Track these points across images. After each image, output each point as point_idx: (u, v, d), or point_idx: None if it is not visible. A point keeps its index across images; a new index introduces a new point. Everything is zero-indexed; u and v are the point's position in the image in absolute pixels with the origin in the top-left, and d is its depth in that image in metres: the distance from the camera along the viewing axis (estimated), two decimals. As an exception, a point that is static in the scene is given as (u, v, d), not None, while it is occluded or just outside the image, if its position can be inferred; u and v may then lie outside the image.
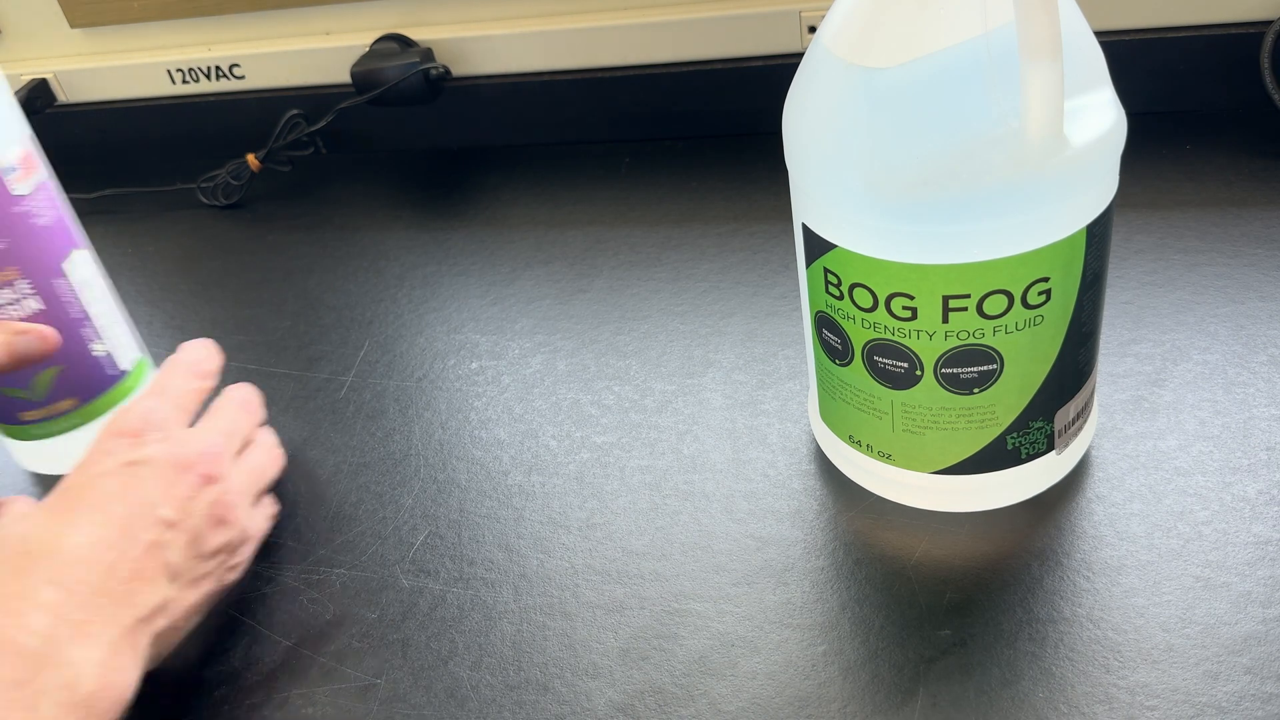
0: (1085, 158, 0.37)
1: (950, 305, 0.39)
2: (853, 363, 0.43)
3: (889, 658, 0.41)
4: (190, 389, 0.49)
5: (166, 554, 0.42)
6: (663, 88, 0.76)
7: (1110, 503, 0.45)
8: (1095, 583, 0.42)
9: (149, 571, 0.41)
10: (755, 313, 0.60)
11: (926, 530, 0.45)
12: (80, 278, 0.52)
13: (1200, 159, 0.65)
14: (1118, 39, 0.67)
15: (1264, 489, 0.45)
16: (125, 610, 0.40)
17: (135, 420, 0.45)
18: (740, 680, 0.41)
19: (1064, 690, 0.39)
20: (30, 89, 0.85)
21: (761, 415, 0.53)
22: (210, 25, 0.82)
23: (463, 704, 0.42)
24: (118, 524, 0.41)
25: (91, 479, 0.43)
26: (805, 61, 0.40)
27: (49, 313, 0.51)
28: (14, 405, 0.53)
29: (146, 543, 0.41)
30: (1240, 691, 0.38)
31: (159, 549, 0.42)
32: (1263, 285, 0.55)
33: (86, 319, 0.53)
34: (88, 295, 0.53)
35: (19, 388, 0.52)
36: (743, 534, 0.47)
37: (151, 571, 0.41)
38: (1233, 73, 0.67)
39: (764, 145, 0.74)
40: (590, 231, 0.70)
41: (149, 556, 0.41)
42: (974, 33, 0.35)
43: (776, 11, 0.71)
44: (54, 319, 0.51)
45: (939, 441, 0.43)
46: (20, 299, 0.50)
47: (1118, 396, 0.50)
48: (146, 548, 0.41)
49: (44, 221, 0.50)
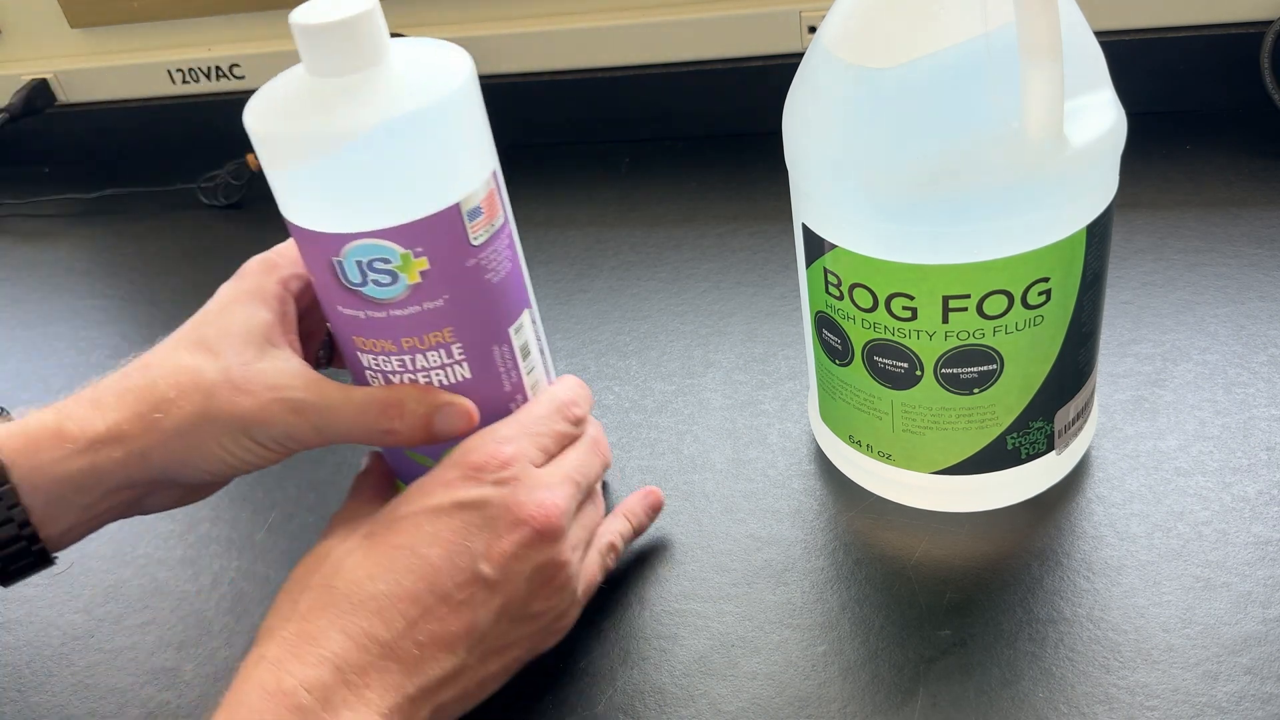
0: (1085, 158, 0.37)
1: (950, 305, 0.39)
2: (853, 363, 0.43)
3: (889, 658, 0.41)
4: (555, 430, 0.42)
5: (475, 616, 0.37)
6: (663, 88, 0.76)
7: (1110, 503, 0.45)
8: (1095, 583, 0.42)
9: (451, 636, 0.37)
10: (755, 313, 0.60)
11: (926, 530, 0.45)
12: (522, 344, 0.43)
13: (1200, 159, 0.65)
14: (1118, 39, 0.67)
15: (1264, 489, 0.45)
16: (412, 678, 0.36)
17: (483, 454, 0.40)
18: (740, 680, 0.41)
19: (1064, 690, 0.39)
20: (30, 89, 0.85)
21: (761, 415, 0.53)
22: (210, 25, 0.82)
23: (463, 704, 0.42)
24: (429, 575, 0.37)
25: (415, 515, 0.38)
26: (805, 62, 0.40)
27: (476, 382, 0.42)
28: (415, 469, 0.43)
29: (456, 601, 0.37)
30: (1240, 692, 0.38)
31: (468, 609, 0.37)
32: (1263, 285, 0.55)
33: (519, 393, 0.43)
34: (525, 365, 0.43)
35: (426, 456, 0.43)
36: (743, 534, 0.47)
37: (454, 636, 0.37)
38: (1233, 73, 0.67)
39: (764, 145, 0.73)
40: (590, 231, 0.70)
41: (455, 617, 0.37)
42: (974, 33, 0.35)
43: (776, 11, 0.71)
44: (482, 390, 0.42)
45: (939, 442, 0.43)
46: (449, 365, 0.41)
47: (1118, 396, 0.50)
48: (455, 607, 0.37)
49: (497, 277, 0.41)
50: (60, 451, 0.38)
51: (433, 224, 0.38)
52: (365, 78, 0.37)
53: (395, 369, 0.41)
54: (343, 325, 0.41)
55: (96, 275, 0.76)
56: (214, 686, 0.45)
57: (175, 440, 0.39)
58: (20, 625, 0.49)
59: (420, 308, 0.39)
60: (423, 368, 0.41)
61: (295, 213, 0.39)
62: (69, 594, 0.50)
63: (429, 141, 0.37)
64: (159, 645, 0.47)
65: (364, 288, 0.39)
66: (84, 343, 0.68)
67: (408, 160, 0.37)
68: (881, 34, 0.37)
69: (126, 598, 0.49)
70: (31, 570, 0.40)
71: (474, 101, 0.39)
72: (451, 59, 0.39)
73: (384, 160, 0.36)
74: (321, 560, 0.38)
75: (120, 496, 0.40)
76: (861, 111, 0.38)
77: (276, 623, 0.37)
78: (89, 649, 0.47)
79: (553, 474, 0.41)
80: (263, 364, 0.40)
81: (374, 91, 0.37)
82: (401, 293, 0.39)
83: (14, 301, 0.74)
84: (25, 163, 0.91)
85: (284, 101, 0.38)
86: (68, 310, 0.72)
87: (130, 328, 0.69)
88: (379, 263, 0.38)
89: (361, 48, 0.36)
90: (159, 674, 0.46)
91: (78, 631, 0.48)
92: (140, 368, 0.41)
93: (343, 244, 0.38)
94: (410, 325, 0.40)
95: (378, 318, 0.39)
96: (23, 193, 0.87)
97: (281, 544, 0.51)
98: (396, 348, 0.40)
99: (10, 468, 0.38)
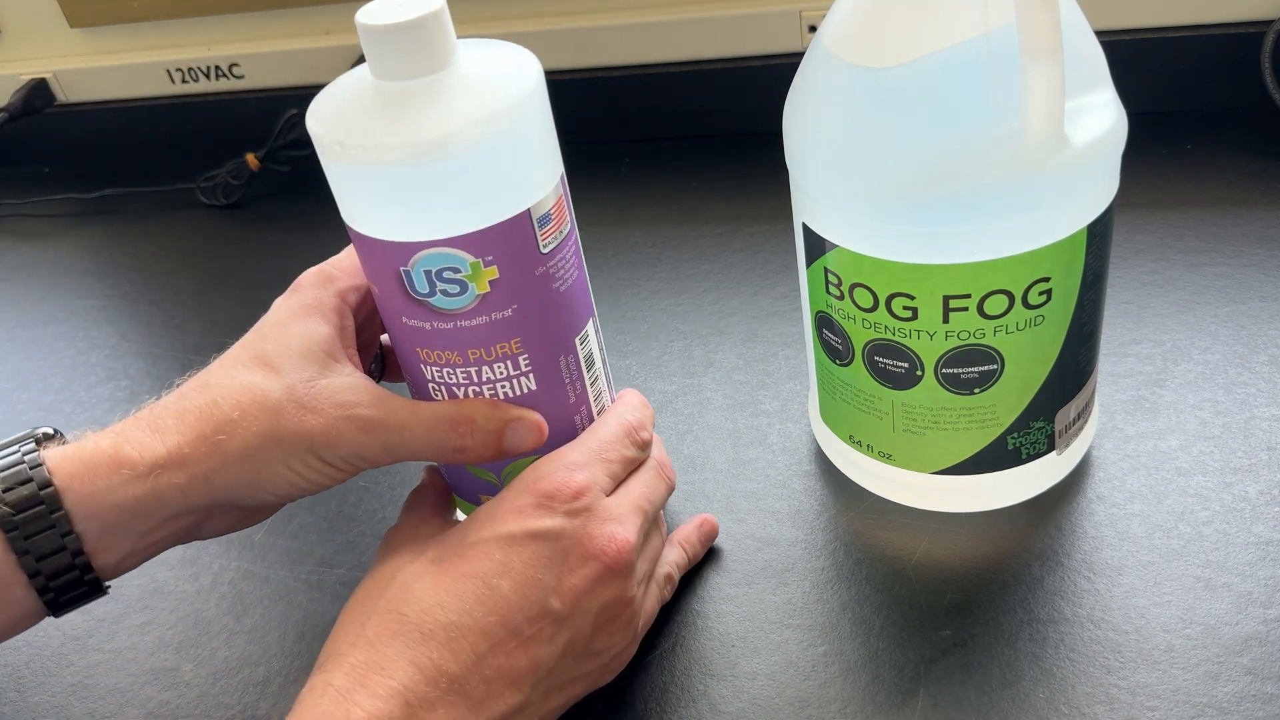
0: (1086, 157, 0.37)
1: (951, 305, 0.39)
2: (853, 363, 0.43)
3: (889, 658, 0.41)
4: (624, 456, 0.42)
5: (541, 652, 0.37)
6: (663, 87, 0.76)
7: (1111, 503, 0.45)
8: (1096, 583, 0.42)
9: (517, 672, 0.36)
10: (755, 313, 0.60)
11: (927, 530, 0.45)
12: (586, 354, 0.42)
13: (1201, 159, 0.65)
14: (1118, 39, 0.67)
15: (1265, 489, 0.45)
16: (477, 715, 0.35)
17: (555, 481, 0.39)
18: (740, 680, 0.41)
19: (1065, 691, 0.39)
20: (29, 89, 0.85)
21: (762, 415, 0.53)
22: (210, 25, 0.82)
23: (463, 704, 0.42)
24: (499, 608, 0.36)
25: (486, 543, 0.37)
26: (806, 61, 0.40)
27: (541, 394, 0.41)
28: (477, 486, 0.43)
29: (525, 636, 0.36)
30: (1241, 692, 0.38)
31: (536, 645, 0.36)
32: (1263, 285, 0.55)
33: (583, 405, 0.43)
34: (589, 375, 0.43)
35: (490, 472, 0.43)
36: (743, 534, 0.47)
37: (520, 672, 0.36)
38: (1233, 73, 0.67)
39: (764, 145, 0.73)
40: (590, 231, 0.70)
41: (523, 652, 0.36)
42: (974, 33, 0.35)
43: (776, 11, 0.71)
44: (546, 402, 0.41)
45: (939, 442, 0.43)
46: (515, 377, 0.40)
47: (1118, 396, 0.50)
48: (523, 642, 0.36)
49: (564, 286, 0.40)
50: (118, 478, 0.37)
51: (504, 231, 0.37)
52: (435, 81, 0.36)
53: (460, 381, 0.40)
54: (406, 337, 0.40)
55: (96, 275, 0.76)
56: (214, 686, 0.45)
57: (241, 463, 0.37)
58: (20, 625, 0.49)
59: (488, 318, 0.38)
60: (489, 380, 0.40)
61: (362, 222, 0.37)
62: (69, 594, 0.50)
63: (504, 147, 0.36)
64: (159, 645, 0.47)
65: (432, 298, 0.38)
66: (84, 343, 0.68)
67: (482, 167, 0.36)
68: (882, 34, 0.37)
69: (126, 598, 0.49)
70: (84, 600, 0.38)
71: (544, 104, 0.38)
72: (519, 60, 0.38)
73: (458, 168, 0.35)
74: (388, 582, 0.37)
75: (179, 523, 0.38)
76: (862, 111, 0.38)
77: (343, 647, 0.35)
78: (89, 649, 0.47)
79: (622, 504, 0.40)
80: (327, 380, 0.39)
81: (447, 96, 0.35)
82: (470, 303, 0.38)
83: (14, 301, 0.74)
84: (24, 163, 0.91)
85: (351, 107, 0.36)
86: (67, 310, 0.72)
87: (130, 327, 0.69)
88: (448, 272, 0.37)
89: (433, 50, 0.35)
90: (159, 674, 0.46)
91: (77, 631, 0.48)
92: (199, 387, 0.39)
93: (412, 253, 0.37)
94: (478, 336, 0.39)
95: (444, 329, 0.39)
96: (22, 193, 0.87)
97: (281, 544, 0.51)
98: (463, 360, 0.39)
99: (64, 494, 0.36)
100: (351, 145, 0.35)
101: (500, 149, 0.36)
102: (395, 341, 0.41)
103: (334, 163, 0.36)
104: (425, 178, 0.35)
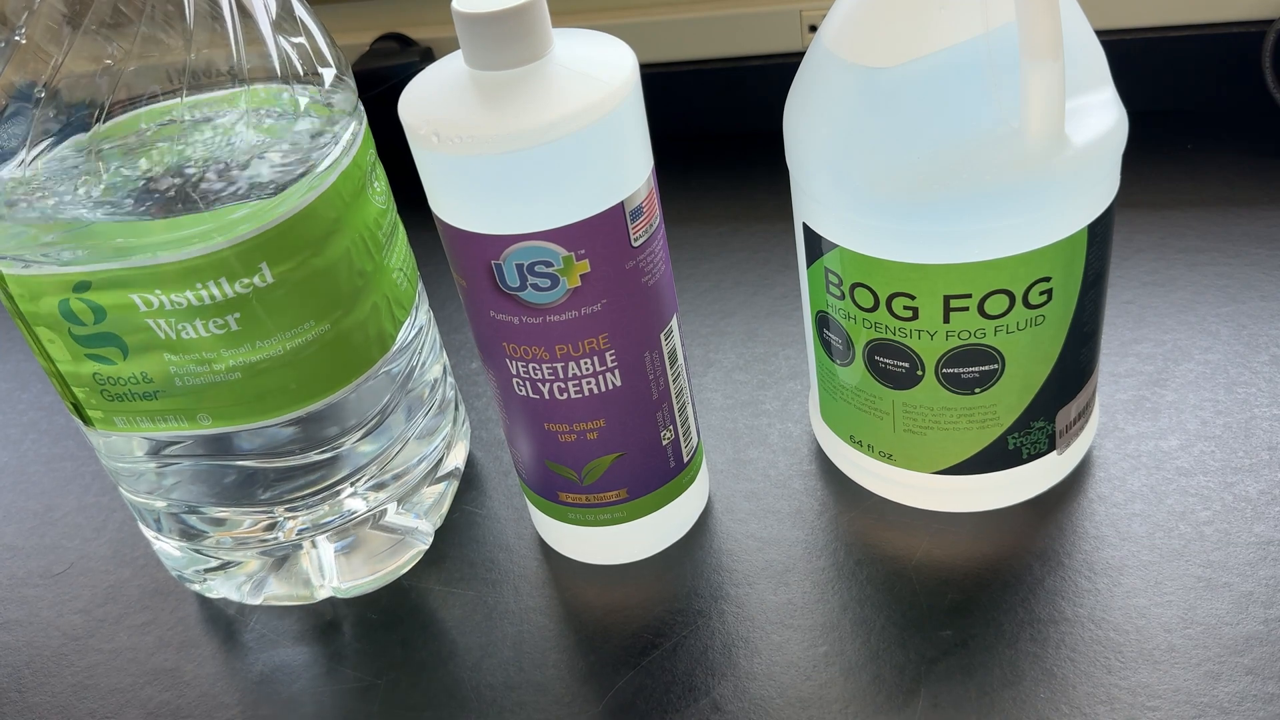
0: (1086, 157, 0.37)
1: (951, 305, 0.39)
2: (854, 363, 0.43)
3: (890, 658, 0.41)
4: None
5: None
6: (663, 88, 0.76)
7: (1112, 503, 0.45)
8: (1097, 583, 0.42)
9: None
10: (755, 312, 0.60)
11: (928, 530, 0.45)
12: (670, 350, 0.42)
13: (1201, 158, 0.65)
14: (1118, 39, 0.67)
15: (1266, 489, 0.45)
16: None
17: None
18: (740, 680, 0.41)
19: (1066, 691, 0.39)
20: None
21: (762, 415, 0.53)
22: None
23: (463, 704, 0.42)
24: None
25: None
26: (805, 61, 0.40)
27: (625, 390, 0.41)
28: (557, 483, 0.43)
29: None
30: (1242, 692, 0.38)
31: None
32: (1264, 285, 0.55)
33: (665, 402, 0.42)
34: (671, 372, 0.42)
35: (570, 468, 0.43)
36: (743, 534, 0.47)
37: None
38: (1233, 72, 0.67)
39: (764, 145, 0.74)
40: (590, 231, 0.70)
41: None
42: (974, 33, 0.35)
43: (776, 11, 0.71)
44: (629, 399, 0.41)
45: (940, 442, 0.43)
46: (600, 373, 0.40)
47: (1119, 396, 0.50)
48: None
49: (652, 280, 0.40)
50: None
51: (597, 225, 0.37)
52: (532, 71, 0.35)
53: (545, 377, 0.40)
54: (492, 331, 0.40)
55: (96, 275, 0.75)
56: (214, 687, 0.45)
57: None
58: (20, 625, 0.49)
59: (578, 313, 0.38)
60: (574, 375, 0.40)
61: (454, 215, 0.37)
62: (69, 594, 0.50)
63: (603, 139, 0.36)
64: (159, 645, 0.47)
65: (522, 292, 0.38)
66: (84, 343, 0.68)
67: (580, 159, 0.35)
68: (882, 33, 0.37)
69: (126, 598, 0.49)
70: None
71: (639, 95, 0.38)
72: (615, 50, 0.37)
73: (556, 160, 0.35)
74: None
75: None
76: (862, 111, 0.38)
77: None
78: (89, 649, 0.47)
79: None
80: None
81: (545, 86, 0.35)
82: (560, 297, 0.38)
83: (14, 302, 0.74)
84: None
85: (446, 96, 0.36)
86: (67, 310, 0.72)
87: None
88: (540, 265, 0.37)
89: (532, 39, 0.35)
90: (159, 674, 0.46)
91: (78, 632, 0.48)
92: None
93: (504, 246, 0.36)
94: (566, 331, 0.38)
95: (533, 323, 0.38)
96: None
97: (281, 544, 0.51)
98: (549, 355, 0.39)
99: None
100: (448, 135, 0.35)
101: (598, 141, 0.36)
102: (480, 337, 0.41)
103: (425, 154, 0.36)
104: (522, 169, 0.35)
